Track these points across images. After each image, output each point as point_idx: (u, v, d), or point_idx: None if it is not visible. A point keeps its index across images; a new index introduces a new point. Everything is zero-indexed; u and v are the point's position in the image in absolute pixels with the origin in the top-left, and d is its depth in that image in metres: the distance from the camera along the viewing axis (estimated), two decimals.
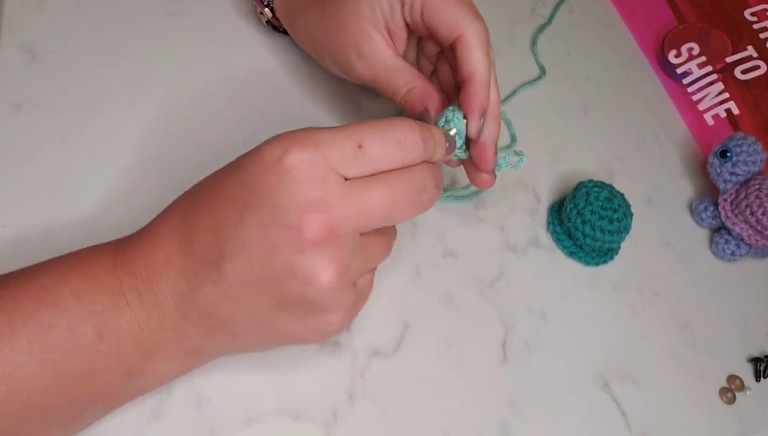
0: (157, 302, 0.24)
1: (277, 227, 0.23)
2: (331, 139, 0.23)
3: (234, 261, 0.23)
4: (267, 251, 0.23)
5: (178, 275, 0.24)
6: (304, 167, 0.23)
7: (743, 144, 0.41)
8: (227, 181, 0.24)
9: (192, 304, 0.24)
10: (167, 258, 0.24)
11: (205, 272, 0.24)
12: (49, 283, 0.24)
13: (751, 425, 0.37)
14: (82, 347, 0.24)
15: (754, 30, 0.49)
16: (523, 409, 0.33)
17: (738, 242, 0.42)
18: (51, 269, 0.25)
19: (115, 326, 0.24)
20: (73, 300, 0.24)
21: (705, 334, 0.39)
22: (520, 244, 0.39)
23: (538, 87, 0.47)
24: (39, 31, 0.37)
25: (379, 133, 0.24)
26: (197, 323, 0.25)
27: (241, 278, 0.24)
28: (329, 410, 0.31)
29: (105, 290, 0.24)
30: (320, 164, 0.23)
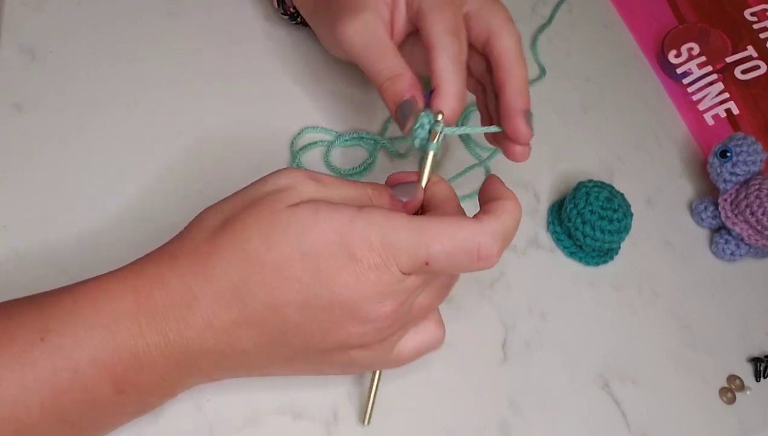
0: (189, 360, 0.24)
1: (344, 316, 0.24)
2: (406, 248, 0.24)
3: (290, 334, 0.24)
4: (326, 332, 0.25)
5: (220, 339, 0.24)
6: (378, 272, 0.24)
7: (743, 144, 0.41)
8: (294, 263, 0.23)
9: (231, 360, 0.25)
10: (208, 322, 0.23)
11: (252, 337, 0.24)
12: (66, 345, 0.22)
13: (751, 425, 0.37)
14: (98, 403, 0.23)
15: (754, 30, 0.49)
16: (523, 409, 0.33)
17: (738, 242, 0.42)
18: (66, 326, 0.23)
19: (135, 382, 0.23)
20: (93, 365, 0.22)
21: (705, 334, 0.39)
22: (520, 244, 0.39)
23: (538, 87, 0.47)
24: (39, 32, 0.37)
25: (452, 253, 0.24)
26: (232, 370, 0.26)
27: (292, 347, 0.25)
28: (329, 410, 0.31)
29: (128, 348, 0.23)
30: (391, 272, 0.24)
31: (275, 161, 0.38)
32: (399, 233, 0.23)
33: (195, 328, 0.23)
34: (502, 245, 0.24)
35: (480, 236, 0.24)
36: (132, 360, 0.23)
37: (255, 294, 0.23)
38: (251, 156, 0.37)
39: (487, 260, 0.24)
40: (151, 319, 0.23)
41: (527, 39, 0.49)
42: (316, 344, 0.25)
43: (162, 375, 0.24)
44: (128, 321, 0.23)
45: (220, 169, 0.36)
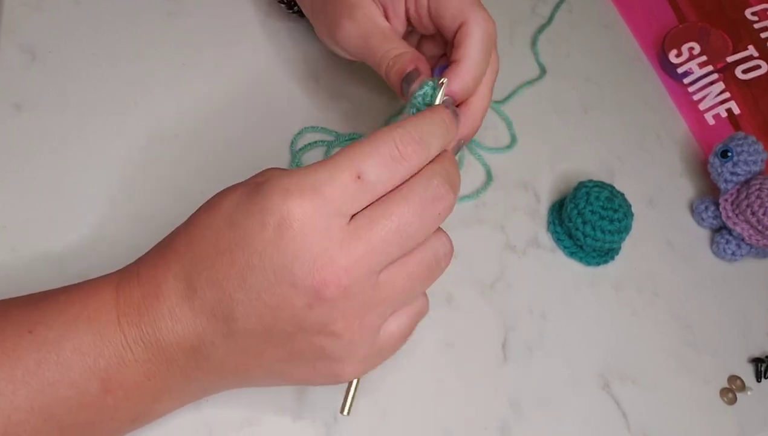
0: (166, 355, 0.24)
1: (282, 285, 0.22)
2: (330, 179, 0.22)
3: (243, 318, 0.23)
4: (275, 309, 0.22)
5: (186, 329, 0.24)
6: (306, 220, 0.21)
7: (744, 144, 0.41)
8: (224, 234, 0.23)
9: (203, 356, 0.24)
10: (171, 311, 0.23)
11: (214, 328, 0.23)
12: (50, 337, 0.23)
13: (751, 425, 0.37)
14: (86, 402, 0.23)
15: (754, 29, 0.49)
16: (523, 409, 0.33)
17: (739, 242, 0.42)
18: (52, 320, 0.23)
19: (120, 380, 0.23)
20: (76, 357, 0.23)
21: (706, 334, 0.39)
22: (521, 244, 0.39)
23: (538, 87, 0.47)
24: (39, 32, 0.37)
25: (373, 154, 0.22)
26: (208, 372, 0.25)
27: (249, 332, 0.23)
28: (329, 410, 0.31)
29: (109, 343, 0.23)
30: (323, 213, 0.22)
31: (275, 161, 0.38)
32: (315, 168, 0.22)
33: (162, 317, 0.23)
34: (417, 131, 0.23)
35: (393, 131, 0.23)
36: (114, 355, 0.23)
37: (200, 274, 0.23)
38: (251, 156, 0.37)
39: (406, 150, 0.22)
40: (127, 311, 0.24)
41: (527, 39, 0.49)
42: (271, 326, 0.23)
43: (145, 372, 0.24)
44: (109, 314, 0.23)
45: (220, 170, 0.36)
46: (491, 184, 0.41)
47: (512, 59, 0.47)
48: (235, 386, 0.27)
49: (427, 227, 0.23)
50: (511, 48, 0.48)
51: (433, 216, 0.23)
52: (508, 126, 0.44)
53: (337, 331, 0.23)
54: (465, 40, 0.29)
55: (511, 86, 0.46)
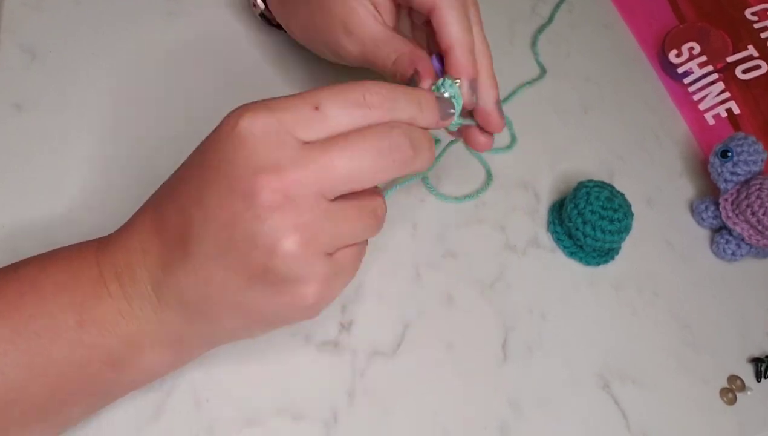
0: (137, 290, 0.24)
1: (233, 196, 0.22)
2: (286, 103, 0.23)
3: (198, 239, 0.23)
4: (227, 223, 0.22)
5: (154, 260, 0.24)
6: (257, 132, 0.22)
7: (744, 144, 0.41)
8: (189, 161, 0.25)
9: (167, 288, 0.24)
10: (142, 245, 0.24)
11: (174, 254, 0.23)
12: (32, 273, 0.24)
13: (751, 425, 0.37)
14: (62, 336, 0.23)
15: (754, 29, 0.49)
16: (523, 409, 0.33)
17: (739, 242, 0.42)
18: (35, 262, 0.25)
19: (95, 316, 0.24)
20: (54, 290, 0.24)
21: (705, 334, 0.39)
22: (520, 244, 0.39)
23: (538, 87, 0.47)
24: (39, 31, 0.37)
25: (338, 94, 0.23)
26: (175, 309, 0.24)
27: (207, 255, 0.23)
28: (329, 410, 0.31)
29: (86, 280, 0.24)
30: (274, 128, 0.22)
31: None
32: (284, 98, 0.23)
33: (135, 252, 0.24)
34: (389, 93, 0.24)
35: (367, 82, 0.23)
36: (90, 290, 0.24)
37: (167, 205, 0.24)
38: None
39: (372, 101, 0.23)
40: (105, 251, 0.25)
41: (527, 39, 0.49)
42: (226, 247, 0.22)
43: (118, 310, 0.24)
44: (89, 255, 0.25)
45: None
46: (491, 184, 0.41)
47: (512, 59, 0.47)
48: (208, 335, 0.26)
49: (379, 171, 0.23)
50: (511, 48, 0.48)
51: (388, 163, 0.23)
52: (508, 126, 0.44)
53: (289, 246, 0.22)
54: (442, 25, 0.29)
55: (511, 86, 0.46)
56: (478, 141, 0.32)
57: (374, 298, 0.34)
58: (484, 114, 0.31)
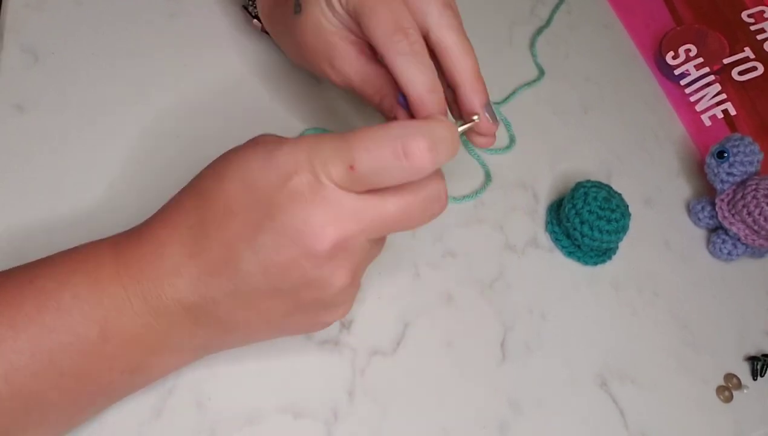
0: (166, 309, 0.24)
1: (292, 246, 0.23)
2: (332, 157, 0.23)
3: (249, 277, 0.24)
4: (282, 267, 0.24)
5: (189, 285, 0.24)
6: (314, 189, 0.23)
7: (740, 145, 0.42)
8: (237, 197, 0.24)
9: (205, 313, 0.25)
10: (175, 269, 0.24)
11: (219, 284, 0.24)
12: (50, 286, 0.24)
13: (747, 423, 0.37)
14: (84, 349, 0.24)
15: (751, 32, 0.50)
16: (522, 409, 0.34)
17: (735, 241, 0.42)
18: (52, 272, 0.25)
19: (119, 329, 0.24)
20: (75, 304, 0.24)
21: (703, 333, 0.40)
22: (520, 244, 0.39)
23: (537, 88, 0.47)
24: (40, 32, 0.37)
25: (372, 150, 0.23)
26: (207, 326, 0.25)
27: (256, 289, 0.24)
28: (329, 409, 0.31)
29: (108, 295, 0.24)
30: (335, 184, 0.23)
31: None
32: (323, 144, 0.23)
33: (165, 274, 0.24)
34: (430, 143, 0.23)
35: (403, 131, 0.23)
36: (113, 305, 0.24)
37: (208, 234, 0.24)
38: None
39: (414, 157, 0.22)
40: (127, 267, 0.24)
41: (526, 40, 0.49)
42: (278, 284, 0.24)
43: (144, 326, 0.24)
44: (108, 268, 0.24)
45: None
46: (490, 184, 0.41)
47: (511, 60, 0.48)
48: (236, 344, 0.28)
49: (421, 221, 0.26)
50: (509, 49, 0.48)
51: (430, 213, 0.26)
52: (507, 127, 0.44)
53: (341, 284, 0.25)
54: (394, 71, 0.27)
55: (510, 87, 0.46)
56: (476, 141, 0.31)
57: (374, 297, 0.34)
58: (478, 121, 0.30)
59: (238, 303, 0.25)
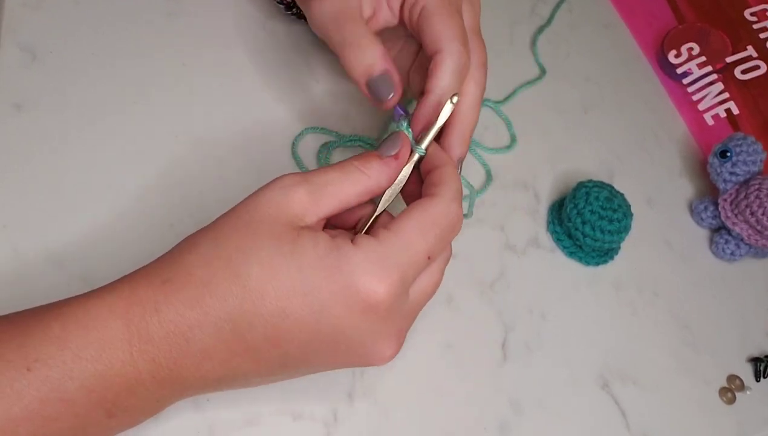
0: (184, 384, 0.24)
1: (350, 354, 0.25)
2: (410, 263, 0.24)
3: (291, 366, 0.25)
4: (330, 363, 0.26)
5: (216, 367, 0.23)
6: (388, 305, 0.24)
7: (743, 144, 0.41)
8: (296, 303, 0.23)
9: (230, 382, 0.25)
10: (205, 353, 0.23)
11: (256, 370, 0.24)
12: (53, 377, 0.22)
13: (750, 425, 0.37)
14: (90, 429, 0.23)
15: (753, 30, 0.49)
16: (523, 409, 0.33)
17: (738, 241, 0.42)
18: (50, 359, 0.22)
19: (127, 407, 0.23)
20: (82, 394, 0.22)
21: (705, 334, 0.39)
22: (520, 244, 0.39)
23: (538, 87, 0.47)
24: (39, 32, 0.37)
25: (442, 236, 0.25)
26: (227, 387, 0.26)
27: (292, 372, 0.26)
28: (329, 410, 0.31)
29: (120, 380, 0.22)
30: (401, 295, 0.24)
31: (275, 162, 0.38)
32: (395, 253, 0.24)
33: (190, 357, 0.23)
34: (461, 203, 0.26)
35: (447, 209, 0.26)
36: (124, 388, 0.23)
37: (254, 328, 0.23)
38: (251, 157, 0.37)
39: (460, 221, 0.26)
40: (143, 347, 0.22)
41: (527, 39, 0.49)
42: (317, 367, 0.26)
43: (155, 398, 0.24)
44: (119, 350, 0.22)
45: (220, 170, 0.36)
46: (491, 184, 0.41)
47: (512, 60, 0.48)
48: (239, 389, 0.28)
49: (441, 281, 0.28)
50: (510, 48, 0.48)
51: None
52: (508, 126, 0.44)
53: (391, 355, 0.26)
54: (436, 71, 0.29)
55: (511, 87, 0.46)
56: None
57: None
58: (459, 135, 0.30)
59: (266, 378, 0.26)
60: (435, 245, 0.25)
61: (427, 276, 0.26)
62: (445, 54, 0.28)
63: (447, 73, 0.28)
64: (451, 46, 0.28)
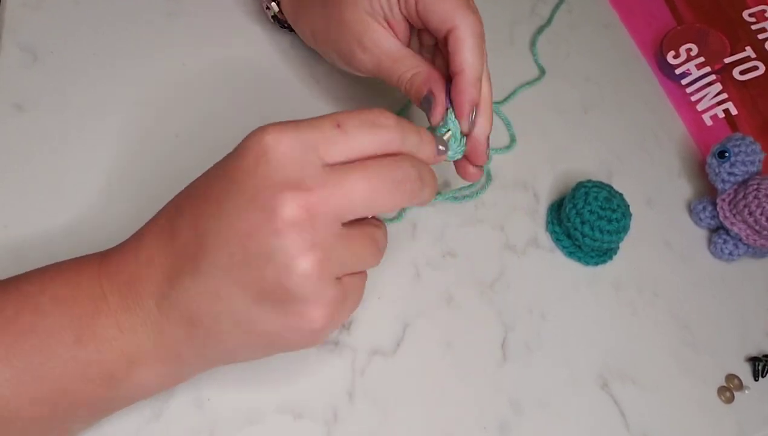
0: (140, 303, 0.24)
1: (253, 209, 0.22)
2: (310, 122, 0.24)
3: (212, 251, 0.23)
4: (243, 236, 0.22)
5: (160, 273, 0.24)
6: (282, 148, 0.22)
7: (741, 144, 0.42)
8: (210, 175, 0.25)
9: (171, 301, 0.24)
10: (150, 259, 0.24)
11: (184, 266, 0.23)
12: (30, 290, 0.24)
13: (749, 424, 0.37)
14: (59, 353, 0.23)
15: (752, 31, 0.49)
16: (523, 409, 0.34)
17: (736, 241, 0.42)
18: (34, 278, 0.25)
19: (94, 331, 0.24)
20: (53, 305, 0.23)
21: (704, 333, 0.40)
22: (520, 244, 0.39)
23: (537, 87, 0.47)
24: (40, 32, 0.37)
25: (357, 114, 0.24)
26: (178, 324, 0.24)
27: (219, 268, 0.23)
28: (329, 409, 0.31)
29: (86, 295, 0.24)
30: (299, 145, 0.23)
31: None
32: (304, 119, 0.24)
33: (140, 266, 0.24)
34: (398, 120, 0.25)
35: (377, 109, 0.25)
36: (90, 305, 0.24)
37: (183, 216, 0.24)
38: None
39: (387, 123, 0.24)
40: (107, 265, 0.25)
41: (527, 40, 0.49)
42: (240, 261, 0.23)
43: (118, 325, 0.24)
44: (90, 271, 0.25)
45: None
46: (491, 184, 0.41)
47: (512, 60, 0.48)
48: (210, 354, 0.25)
49: (393, 199, 0.24)
50: (510, 49, 0.48)
51: (401, 193, 0.24)
52: (508, 126, 0.44)
53: (305, 265, 0.22)
54: (459, 48, 0.30)
55: (511, 87, 0.46)
56: (468, 171, 0.34)
57: (374, 298, 0.34)
58: (474, 144, 0.32)
59: (203, 287, 0.23)
60: (346, 117, 0.24)
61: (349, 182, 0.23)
62: (462, 27, 0.30)
63: (471, 45, 0.30)
64: (465, 17, 0.30)
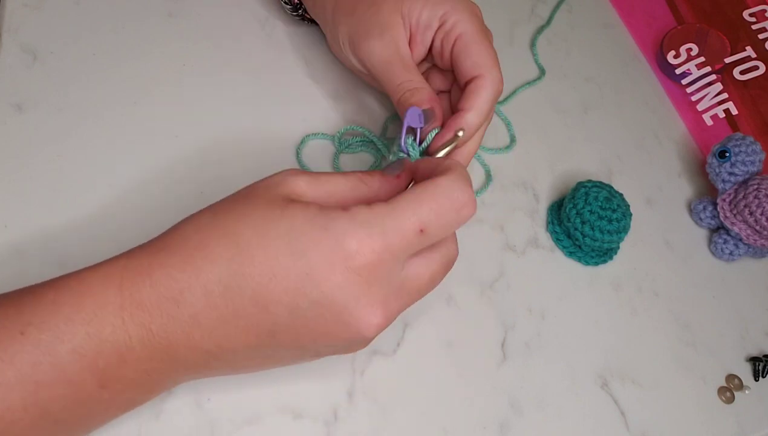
0: (174, 355, 0.23)
1: (337, 323, 0.24)
2: (398, 229, 0.24)
3: (281, 336, 0.24)
4: (318, 335, 0.24)
5: (206, 336, 0.23)
6: (372, 268, 0.23)
7: (742, 144, 0.41)
8: (285, 261, 0.23)
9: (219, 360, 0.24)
10: (195, 319, 0.23)
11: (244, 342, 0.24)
12: (44, 339, 0.22)
13: (749, 424, 0.37)
14: (82, 398, 0.23)
15: (752, 31, 0.49)
16: (523, 409, 0.34)
17: (736, 241, 0.42)
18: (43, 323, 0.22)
19: (119, 377, 0.23)
20: (73, 358, 0.22)
21: (704, 333, 0.40)
22: (520, 244, 0.39)
23: (537, 87, 0.47)
24: (40, 32, 0.37)
25: (437, 214, 0.24)
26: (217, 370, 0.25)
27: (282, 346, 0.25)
28: (329, 409, 0.31)
29: (110, 346, 0.22)
30: (387, 262, 0.24)
31: (275, 162, 0.38)
32: (384, 218, 0.24)
33: (181, 323, 0.23)
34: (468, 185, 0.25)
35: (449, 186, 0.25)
36: (114, 354, 0.22)
37: (243, 290, 0.23)
38: (251, 157, 0.37)
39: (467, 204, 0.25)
40: (135, 312, 0.23)
41: (527, 39, 0.49)
42: (305, 345, 0.25)
43: (146, 369, 0.23)
44: (111, 315, 0.23)
45: (219, 170, 0.36)
46: (491, 184, 0.41)
47: (512, 60, 0.48)
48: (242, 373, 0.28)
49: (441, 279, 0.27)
50: (510, 49, 0.48)
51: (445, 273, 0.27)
52: (508, 126, 0.44)
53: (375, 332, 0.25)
54: (477, 93, 0.32)
55: (511, 87, 0.46)
56: None
57: None
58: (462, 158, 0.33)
59: (256, 353, 0.25)
60: (430, 220, 0.24)
61: (423, 261, 0.25)
62: (487, 79, 0.32)
63: (488, 96, 0.32)
64: (492, 73, 0.32)
